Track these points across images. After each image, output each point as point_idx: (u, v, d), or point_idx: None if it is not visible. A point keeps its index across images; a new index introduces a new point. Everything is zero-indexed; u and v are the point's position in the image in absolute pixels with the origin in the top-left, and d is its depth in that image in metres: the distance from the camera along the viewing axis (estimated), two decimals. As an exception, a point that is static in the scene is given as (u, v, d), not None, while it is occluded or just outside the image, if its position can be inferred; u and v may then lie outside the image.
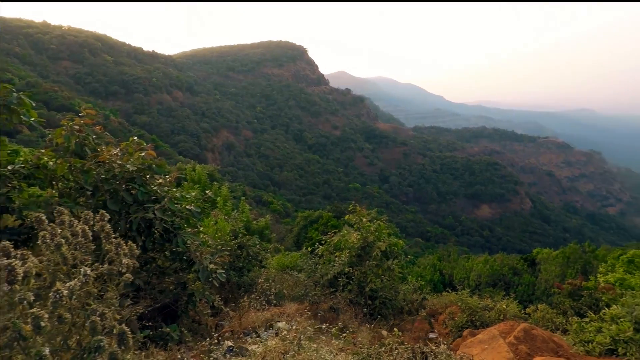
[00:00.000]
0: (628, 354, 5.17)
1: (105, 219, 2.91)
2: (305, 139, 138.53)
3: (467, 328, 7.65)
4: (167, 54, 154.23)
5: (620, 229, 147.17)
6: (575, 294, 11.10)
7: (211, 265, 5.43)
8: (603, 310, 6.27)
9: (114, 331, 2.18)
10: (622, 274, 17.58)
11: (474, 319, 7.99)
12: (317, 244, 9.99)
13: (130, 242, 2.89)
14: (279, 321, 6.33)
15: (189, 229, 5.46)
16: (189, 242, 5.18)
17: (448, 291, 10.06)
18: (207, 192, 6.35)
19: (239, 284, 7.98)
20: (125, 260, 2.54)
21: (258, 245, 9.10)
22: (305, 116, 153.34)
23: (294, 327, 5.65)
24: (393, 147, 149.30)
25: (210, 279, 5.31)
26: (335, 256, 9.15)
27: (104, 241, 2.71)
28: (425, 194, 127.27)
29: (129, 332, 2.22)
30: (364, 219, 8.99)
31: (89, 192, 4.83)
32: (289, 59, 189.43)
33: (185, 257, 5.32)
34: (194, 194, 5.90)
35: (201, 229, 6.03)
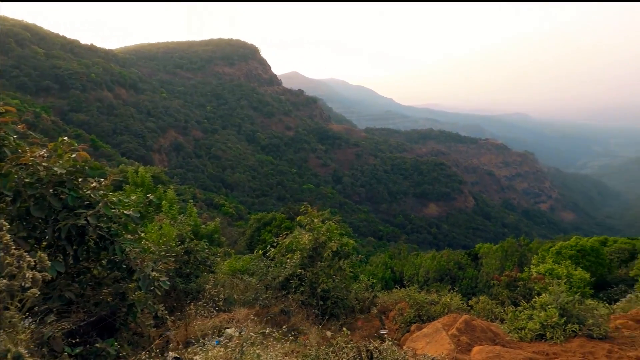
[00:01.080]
0: (554, 337, 5.64)
1: (4, 228, 2.58)
2: (258, 140, 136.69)
3: (415, 323, 7.94)
4: (107, 48, 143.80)
5: (550, 223, 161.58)
6: (511, 285, 11.95)
7: (153, 273, 5.11)
8: (534, 299, 6.78)
9: (9, 356, 1.93)
10: (552, 265, 19.26)
11: (421, 313, 8.32)
12: (269, 246, 9.86)
13: (40, 253, 2.60)
14: (227, 327, 6.13)
15: (128, 236, 5.10)
16: (127, 249, 4.84)
17: (397, 288, 10.37)
18: (148, 195, 5.97)
19: (186, 291, 7.63)
20: (29, 274, 2.27)
21: (207, 250, 8.78)
22: (258, 116, 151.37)
23: (242, 333, 5.49)
24: (346, 148, 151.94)
25: (152, 288, 5.00)
26: (287, 258, 9.09)
27: (2, 254, 2.40)
28: (377, 193, 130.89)
29: (27, 355, 1.97)
30: (315, 220, 9.01)
31: (8, 199, 4.33)
32: (241, 58, 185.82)
33: (124, 266, 4.96)
34: (134, 197, 5.53)
35: (142, 234, 5.66)
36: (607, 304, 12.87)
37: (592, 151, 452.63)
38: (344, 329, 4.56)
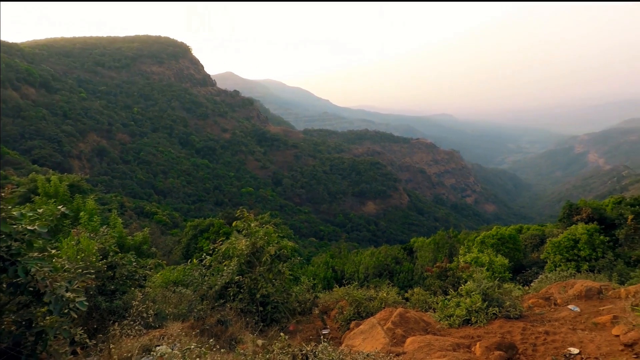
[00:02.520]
0: (478, 321, 6.11)
1: None
2: (192, 143, 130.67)
3: (354, 320, 8.10)
4: (11, 42, 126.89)
5: (475, 215, 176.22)
6: (442, 275, 12.71)
7: (68, 294, 4.58)
8: (461, 287, 7.29)
9: None
10: (477, 253, 20.93)
11: (360, 310, 8.51)
12: (205, 254, 9.44)
13: None
14: (159, 345, 5.71)
15: (35, 254, 4.51)
16: (33, 269, 4.27)
17: (337, 286, 10.51)
18: (60, 207, 5.36)
19: (110, 310, 6.98)
20: None
21: (134, 263, 8.12)
22: (192, 118, 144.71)
23: (175, 349, 5.15)
24: (285, 149, 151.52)
25: (66, 311, 4.47)
26: (224, 265, 8.76)
27: None
28: (317, 194, 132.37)
29: None
30: (252, 225, 8.80)
31: None
32: (171, 57, 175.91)
33: (30, 289, 4.37)
34: (41, 210, 4.90)
35: (54, 252, 5.05)
36: (522, 286, 14.31)
37: (507, 148, 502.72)
38: (282, 334, 4.48)
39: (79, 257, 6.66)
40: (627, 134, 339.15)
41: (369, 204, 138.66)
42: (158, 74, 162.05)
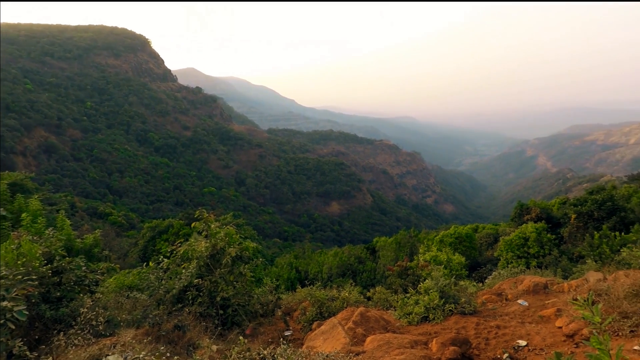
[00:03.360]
0: (436, 318, 6.31)
1: None
2: (151, 140, 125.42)
3: (317, 320, 8.10)
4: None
5: (435, 215, 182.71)
6: (403, 274, 13.02)
7: (4, 303, 4.22)
8: (420, 285, 7.49)
9: None
10: (436, 252, 21.67)
11: (322, 310, 8.52)
12: (162, 257, 9.07)
13: None
14: (109, 354, 5.39)
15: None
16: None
17: (299, 287, 10.47)
18: (-4, 208, 4.94)
19: (56, 319, 6.50)
20: None
21: (84, 268, 7.62)
22: (151, 115, 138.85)
23: (127, 358, 4.89)
24: (249, 149, 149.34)
25: (2, 321, 4.12)
26: (183, 268, 8.46)
27: None
28: (281, 194, 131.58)
29: None
30: (212, 226, 8.56)
31: None
32: (128, 49, 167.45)
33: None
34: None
35: (-12, 257, 4.63)
36: (478, 283, 14.96)
37: (465, 151, 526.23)
38: (241, 337, 4.38)
39: (19, 262, 6.16)
40: (571, 139, 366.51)
41: (333, 204, 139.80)
42: (114, 67, 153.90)
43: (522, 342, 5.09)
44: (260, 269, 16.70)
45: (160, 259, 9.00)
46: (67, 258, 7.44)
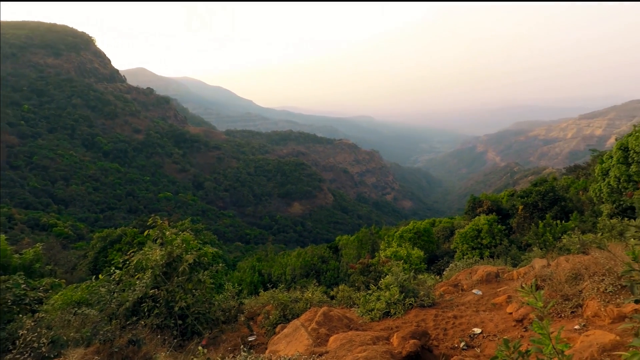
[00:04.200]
0: (397, 312, 6.45)
1: None
2: (99, 145, 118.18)
3: (281, 323, 8.00)
4: None
5: (394, 211, 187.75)
6: (365, 271, 13.21)
7: None
8: (381, 281, 7.63)
9: None
10: (396, 247, 22.23)
11: (286, 313, 8.43)
12: (114, 268, 8.56)
13: None
14: (54, 378, 4.99)
15: None
16: None
17: (261, 291, 10.32)
18: None
19: (-9, 343, 5.92)
20: None
21: (23, 285, 7.02)
22: (98, 118, 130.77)
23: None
24: (206, 151, 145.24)
25: None
26: (137, 279, 8.02)
27: None
28: (241, 197, 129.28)
29: None
30: (167, 233, 8.19)
31: None
32: (70, 48, 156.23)
33: None
34: None
35: None
36: (436, 275, 15.52)
37: (421, 148, 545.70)
38: (200, 347, 4.21)
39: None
40: (517, 134, 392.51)
41: (295, 204, 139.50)
42: (54, 66, 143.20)
43: (477, 330, 5.33)
44: (221, 274, 16.25)
45: (112, 271, 8.49)
46: (3, 276, 6.82)
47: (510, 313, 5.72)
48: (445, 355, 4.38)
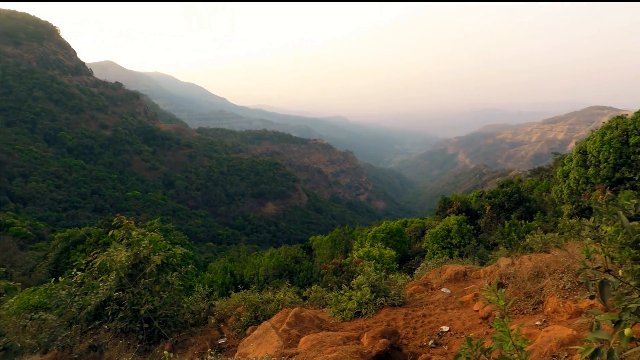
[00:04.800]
0: (368, 312, 6.50)
1: None
2: (62, 140, 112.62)
3: (252, 325, 7.89)
4: None
5: (368, 212, 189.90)
6: (338, 271, 13.26)
7: None
8: (352, 281, 7.67)
9: None
10: (369, 247, 22.47)
11: (257, 314, 8.33)
12: (76, 270, 8.17)
13: None
14: (7, 387, 4.69)
15: None
16: None
17: (232, 292, 10.16)
18: None
19: None
20: None
21: (-27, 289, 6.55)
22: (62, 112, 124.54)
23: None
24: (177, 149, 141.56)
25: None
26: (100, 281, 7.69)
27: None
28: (214, 196, 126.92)
29: None
30: (133, 233, 7.90)
31: None
32: (31, 38, 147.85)
33: None
34: None
35: None
36: (407, 274, 15.80)
37: (394, 149, 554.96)
38: (165, 352, 4.07)
39: None
40: (485, 137, 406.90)
41: (268, 204, 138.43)
42: (14, 56, 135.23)
43: (445, 328, 5.45)
44: (191, 275, 15.86)
45: (73, 273, 8.10)
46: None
47: (477, 311, 5.89)
48: (414, 354, 4.46)
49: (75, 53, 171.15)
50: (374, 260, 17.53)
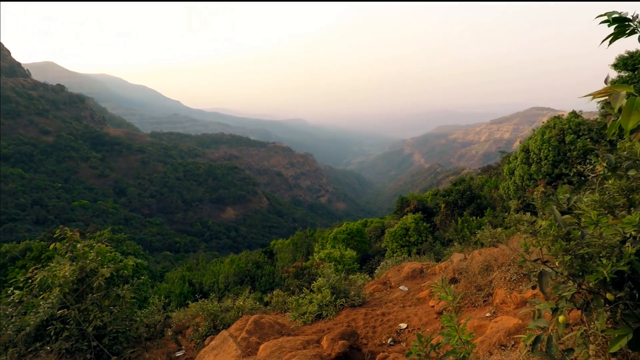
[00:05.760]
0: (328, 314, 6.52)
1: None
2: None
3: (210, 335, 7.64)
4: None
5: (329, 214, 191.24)
6: (299, 274, 13.21)
7: None
8: (313, 284, 7.66)
9: None
10: (330, 249, 22.61)
11: (216, 323, 8.08)
12: (14, 288, 7.48)
13: None
14: None
15: None
16: None
17: (189, 303, 9.80)
18: None
19: None
20: None
21: None
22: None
23: None
24: (128, 154, 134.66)
25: None
26: (42, 299, 7.09)
27: None
28: (170, 203, 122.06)
29: None
30: (78, 245, 7.37)
31: None
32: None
33: None
34: None
35: None
36: (368, 274, 16.06)
37: (353, 151, 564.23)
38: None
39: None
40: (439, 138, 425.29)
41: (228, 209, 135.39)
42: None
43: (403, 325, 5.59)
44: (146, 287, 15.09)
45: (10, 292, 7.41)
46: None
47: (433, 306, 6.10)
48: (372, 353, 4.52)
49: (9, 53, 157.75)
50: (335, 262, 17.67)
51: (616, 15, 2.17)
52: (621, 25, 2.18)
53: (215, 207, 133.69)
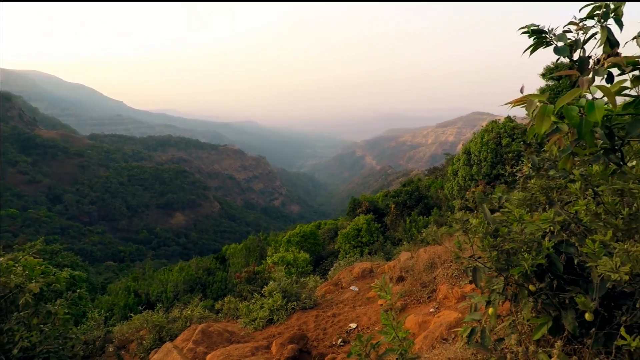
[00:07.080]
0: (280, 319, 6.47)
1: None
2: None
3: (155, 348, 7.26)
4: None
5: (283, 216, 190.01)
6: (251, 279, 12.98)
7: None
8: (264, 289, 7.56)
9: None
10: (283, 252, 22.46)
11: (162, 335, 7.70)
12: None
13: None
14: None
15: None
16: None
17: (132, 315, 9.24)
18: None
19: None
20: None
21: None
22: None
23: None
24: (64, 158, 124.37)
25: None
26: (-45, 322, 6.31)
27: None
28: (112, 210, 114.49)
29: None
30: (1, 259, 6.67)
31: None
32: None
33: None
34: None
35: None
36: (322, 276, 16.15)
37: (306, 153, 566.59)
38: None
39: None
40: (389, 140, 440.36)
41: (177, 215, 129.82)
42: None
43: (353, 325, 5.68)
44: (84, 301, 13.98)
45: None
46: None
47: (381, 305, 6.27)
48: (322, 355, 4.54)
49: None
50: (288, 265, 17.59)
51: (534, 28, 2.38)
52: (539, 37, 2.40)
53: (163, 212, 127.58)
